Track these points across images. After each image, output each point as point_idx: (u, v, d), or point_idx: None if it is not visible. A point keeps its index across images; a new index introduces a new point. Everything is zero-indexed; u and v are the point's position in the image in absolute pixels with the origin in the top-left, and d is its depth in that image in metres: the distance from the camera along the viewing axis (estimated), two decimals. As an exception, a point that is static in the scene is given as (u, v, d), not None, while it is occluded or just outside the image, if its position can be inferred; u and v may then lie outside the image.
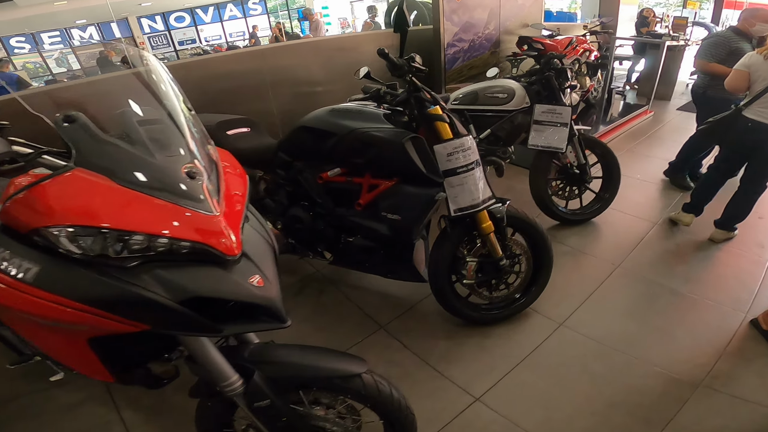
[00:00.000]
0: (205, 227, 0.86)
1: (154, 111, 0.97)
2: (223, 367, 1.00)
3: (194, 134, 1.00)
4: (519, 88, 2.50)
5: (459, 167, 1.62)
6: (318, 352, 1.13)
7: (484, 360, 1.84)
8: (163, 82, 1.05)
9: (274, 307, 0.92)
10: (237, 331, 0.94)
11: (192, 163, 0.92)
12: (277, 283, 0.97)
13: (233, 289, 0.87)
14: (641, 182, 3.32)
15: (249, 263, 0.92)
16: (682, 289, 2.20)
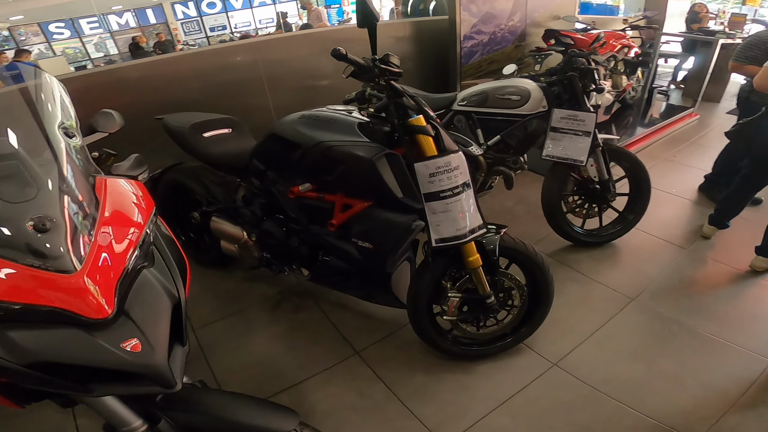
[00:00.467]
0: (58, 289, 0.70)
1: (8, 144, 0.80)
2: (120, 411, 0.88)
3: (70, 167, 0.82)
4: (536, 89, 2.15)
5: (443, 191, 1.35)
6: (245, 404, 1.00)
7: (460, 400, 1.62)
8: (49, 103, 0.88)
9: (152, 374, 0.77)
10: (111, 393, 0.81)
11: (48, 210, 0.74)
12: (165, 345, 0.81)
13: (94, 354, 0.73)
14: (675, 198, 2.88)
15: (127, 324, 0.77)
16: (703, 329, 1.86)
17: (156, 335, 0.79)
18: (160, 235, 0.99)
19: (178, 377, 0.81)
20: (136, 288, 0.82)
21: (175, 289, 0.91)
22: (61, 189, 0.79)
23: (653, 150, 3.56)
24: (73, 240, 0.75)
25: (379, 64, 1.28)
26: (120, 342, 0.74)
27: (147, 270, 0.87)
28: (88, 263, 0.74)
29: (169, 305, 0.87)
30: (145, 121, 2.14)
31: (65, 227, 0.74)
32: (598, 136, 2.11)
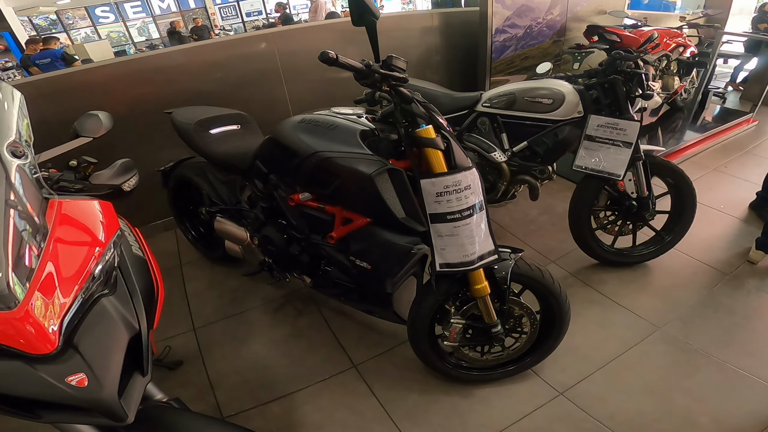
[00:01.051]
0: None
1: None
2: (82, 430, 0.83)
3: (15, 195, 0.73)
4: (571, 92, 1.88)
5: (451, 213, 1.17)
6: (217, 429, 0.95)
7: (453, 425, 1.49)
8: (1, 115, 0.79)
9: (99, 409, 0.73)
10: (61, 421, 0.78)
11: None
12: (115, 379, 0.76)
13: (36, 388, 0.69)
14: (722, 215, 2.52)
15: (74, 358, 0.72)
16: (732, 362, 1.63)
17: (106, 369, 0.74)
18: (128, 258, 0.90)
19: (130, 410, 0.77)
20: (90, 319, 0.77)
21: (135, 319, 0.83)
22: (5, 220, 0.70)
23: (702, 158, 3.15)
24: (16, 276, 0.67)
25: (379, 69, 1.10)
26: (65, 376, 0.70)
27: (105, 298, 0.80)
28: (29, 299, 0.67)
29: (126, 337, 0.80)
30: (159, 115, 2.08)
31: (5, 260, 0.66)
32: (641, 148, 1.84)
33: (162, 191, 2.19)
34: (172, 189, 2.13)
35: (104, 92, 2.16)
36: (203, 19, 8.24)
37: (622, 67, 1.75)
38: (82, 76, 2.14)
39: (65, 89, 2.08)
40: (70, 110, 1.96)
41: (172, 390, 1.18)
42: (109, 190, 1.00)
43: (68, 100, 2.07)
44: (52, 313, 0.70)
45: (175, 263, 2.37)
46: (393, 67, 1.11)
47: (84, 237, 0.81)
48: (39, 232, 0.74)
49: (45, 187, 0.83)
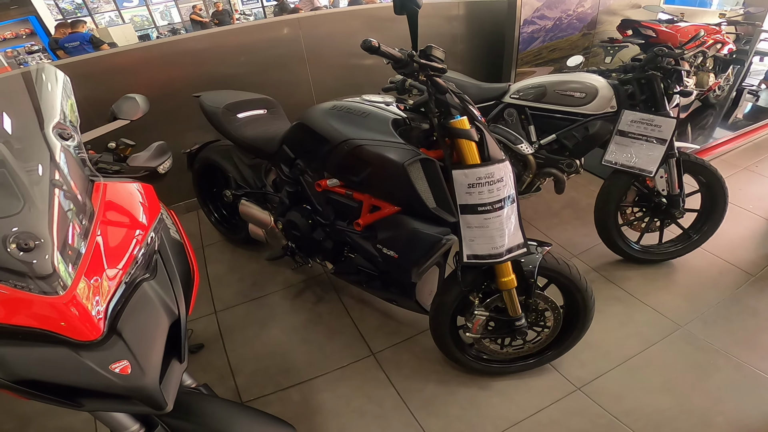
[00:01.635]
0: (43, 311, 0.64)
1: None
2: (117, 416, 0.85)
3: (63, 178, 0.72)
4: (605, 86, 1.83)
5: (482, 204, 1.15)
6: (243, 414, 0.97)
7: (470, 416, 1.49)
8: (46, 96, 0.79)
9: (140, 396, 0.71)
10: (101, 409, 0.77)
11: (32, 226, 0.66)
12: (157, 367, 0.74)
13: (81, 376, 0.68)
14: (751, 216, 2.44)
15: (118, 344, 0.71)
16: (753, 364, 1.59)
17: (148, 357, 0.73)
18: (167, 242, 0.90)
19: (169, 398, 0.76)
20: (132, 304, 0.76)
21: (175, 304, 0.82)
22: (50, 200, 0.70)
23: (732, 157, 3.04)
24: (62, 258, 0.67)
25: (419, 59, 1.07)
26: (109, 363, 0.69)
27: (147, 283, 0.80)
28: (77, 283, 0.67)
29: (167, 323, 0.79)
30: (185, 97, 2.08)
31: (52, 245, 0.66)
32: (675, 145, 1.78)
33: (185, 173, 2.21)
34: (197, 171, 2.15)
35: (132, 75, 2.18)
36: (224, 3, 8.21)
37: (662, 63, 1.68)
38: (111, 60, 2.15)
39: (95, 72, 2.10)
40: (100, 92, 1.98)
41: (194, 374, 1.19)
42: (145, 172, 1.01)
43: (98, 83, 2.08)
44: (98, 298, 0.69)
45: (197, 245, 2.40)
46: (432, 57, 1.08)
47: (128, 220, 0.81)
48: (85, 214, 0.74)
49: (90, 169, 0.83)
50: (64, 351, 0.67)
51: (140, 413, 0.83)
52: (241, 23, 5.63)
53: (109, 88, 2.05)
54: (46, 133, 0.75)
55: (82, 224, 0.72)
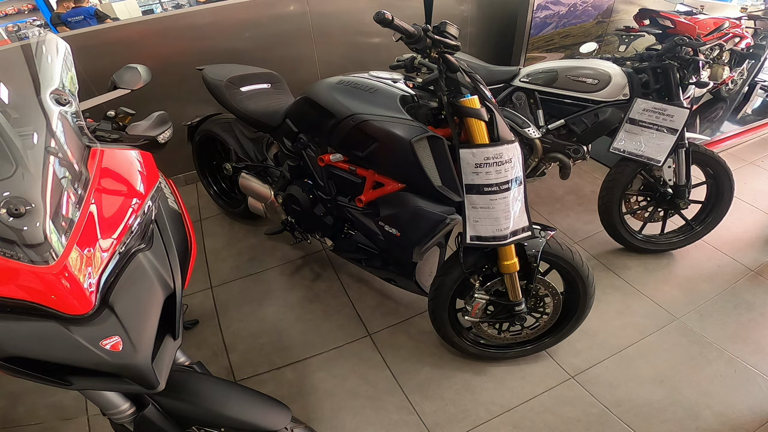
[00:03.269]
0: (32, 282, 0.61)
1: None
2: (107, 395, 0.83)
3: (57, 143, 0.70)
4: (619, 74, 1.79)
5: (488, 185, 1.13)
6: (236, 395, 0.94)
7: (464, 401, 1.50)
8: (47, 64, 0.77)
9: (131, 375, 0.68)
10: (91, 388, 0.73)
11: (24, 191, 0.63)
12: (150, 343, 0.71)
13: (70, 353, 0.64)
14: (754, 210, 2.43)
15: (110, 319, 0.68)
16: (743, 359, 1.62)
17: (141, 333, 0.70)
18: (165, 211, 0.87)
19: (162, 377, 0.73)
20: (125, 276, 0.72)
21: (171, 277, 0.79)
22: (44, 166, 0.66)
23: (739, 151, 3.01)
24: (54, 226, 0.63)
25: (433, 35, 1.03)
26: (99, 339, 0.66)
27: (142, 254, 0.76)
28: (68, 253, 0.63)
29: (162, 297, 0.76)
30: (189, 71, 2.03)
31: (44, 212, 0.63)
32: (686, 136, 1.75)
33: (185, 145, 2.17)
34: (197, 143, 2.11)
35: (134, 48, 2.12)
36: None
37: (681, 53, 1.64)
38: (114, 33, 2.09)
39: (98, 44, 2.04)
40: (101, 65, 1.93)
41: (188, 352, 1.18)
42: (144, 141, 0.97)
43: (100, 56, 2.03)
44: (90, 270, 0.66)
45: (195, 218, 2.38)
46: (446, 33, 1.04)
47: (125, 187, 0.78)
48: (80, 181, 0.71)
49: (87, 135, 0.79)
50: (53, 326, 0.64)
51: (131, 392, 0.82)
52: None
53: (111, 61, 2.00)
54: (42, 98, 0.73)
55: (77, 192, 0.69)
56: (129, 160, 0.83)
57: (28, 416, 1.51)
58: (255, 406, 0.93)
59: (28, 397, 1.55)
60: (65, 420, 1.48)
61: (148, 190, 0.81)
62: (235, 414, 0.89)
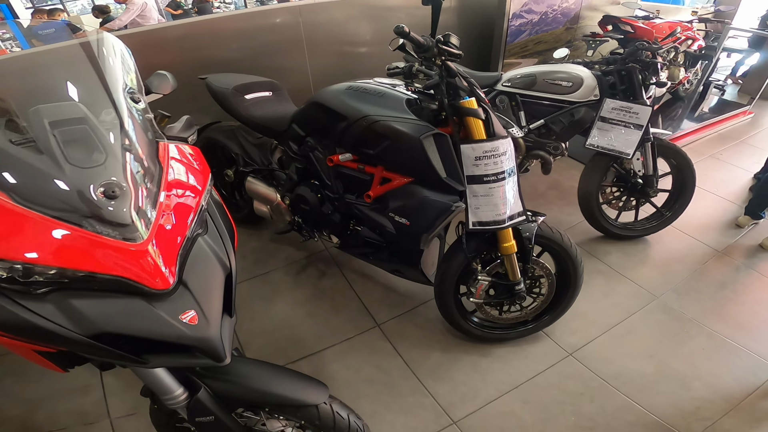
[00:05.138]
0: (125, 259, 0.69)
1: (74, 108, 0.78)
2: (164, 381, 0.90)
3: (135, 133, 0.81)
4: (589, 77, 2.05)
5: (487, 175, 1.33)
6: (278, 374, 1.03)
7: (474, 382, 1.66)
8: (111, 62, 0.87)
9: (205, 347, 0.77)
10: (165, 364, 0.82)
11: (116, 176, 0.73)
12: (218, 317, 0.81)
13: (155, 326, 0.73)
14: (716, 198, 2.76)
15: (185, 295, 0.77)
16: (722, 332, 1.85)
17: (210, 307, 0.79)
18: (213, 202, 0.99)
19: (228, 350, 0.81)
20: (192, 256, 0.82)
21: (226, 257, 0.90)
22: (128, 155, 0.77)
23: (699, 146, 3.39)
24: (140, 208, 0.73)
25: (440, 45, 1.24)
26: (178, 314, 0.74)
27: (201, 238, 0.87)
28: (153, 232, 0.73)
29: (223, 275, 0.87)
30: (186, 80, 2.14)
31: (132, 195, 0.73)
32: (651, 131, 2.02)
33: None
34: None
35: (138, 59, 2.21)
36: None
37: (641, 56, 1.92)
38: None
39: None
40: None
41: None
42: (179, 142, 1.11)
43: None
44: (169, 250, 0.75)
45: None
46: (450, 44, 1.25)
47: (189, 178, 0.90)
48: (156, 171, 0.82)
49: (157, 130, 0.92)
50: (139, 302, 0.71)
51: (201, 366, 0.89)
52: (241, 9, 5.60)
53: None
54: (119, 94, 0.84)
55: (154, 180, 0.81)
56: (189, 153, 0.96)
57: (49, 422, 1.55)
58: (296, 384, 1.02)
59: (46, 403, 1.60)
60: (88, 425, 1.54)
61: (205, 180, 0.93)
62: (279, 391, 0.97)
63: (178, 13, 7.17)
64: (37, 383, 1.66)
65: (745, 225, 2.44)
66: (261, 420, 1.07)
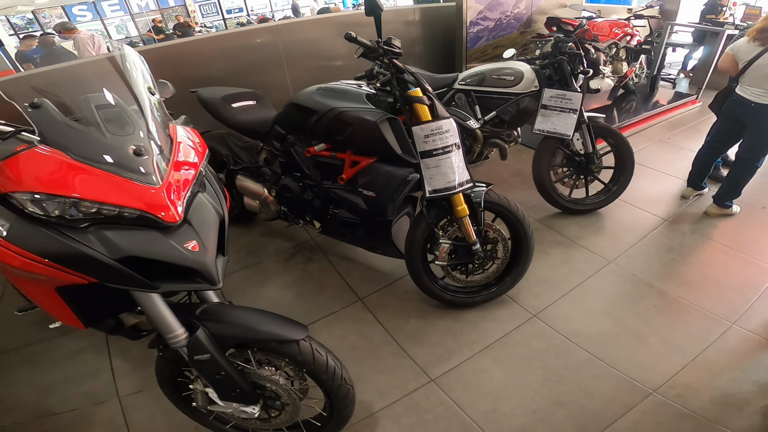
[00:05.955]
0: (146, 198, 0.98)
1: (110, 97, 1.10)
2: (169, 320, 1.13)
3: (153, 116, 1.12)
4: (529, 71, 2.41)
5: (435, 149, 1.64)
6: (264, 316, 1.24)
7: (448, 343, 1.88)
8: (134, 69, 1.19)
9: (204, 270, 1.03)
10: (171, 289, 1.07)
11: (139, 142, 1.04)
12: (214, 247, 1.08)
13: (167, 251, 0.99)
14: (663, 175, 3.11)
15: (189, 230, 1.04)
16: (672, 292, 2.09)
17: (208, 241, 1.06)
18: (209, 172, 1.31)
19: (220, 277, 1.07)
20: (194, 204, 1.11)
21: (221, 208, 1.21)
22: (149, 128, 1.09)
23: (651, 132, 3.78)
24: (157, 164, 1.04)
25: (383, 46, 1.57)
26: (184, 242, 1.01)
27: (201, 194, 1.16)
28: (167, 180, 1.03)
29: (217, 220, 1.15)
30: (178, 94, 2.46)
31: (152, 155, 1.04)
32: (585, 114, 2.37)
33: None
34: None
35: None
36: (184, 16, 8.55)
37: (564, 49, 2.28)
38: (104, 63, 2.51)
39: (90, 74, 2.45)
40: None
41: None
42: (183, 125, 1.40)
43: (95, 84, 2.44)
44: (177, 195, 1.04)
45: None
46: (392, 45, 1.58)
47: (191, 150, 1.22)
48: (168, 142, 1.14)
49: (168, 116, 1.24)
50: (155, 233, 0.98)
51: (200, 289, 1.15)
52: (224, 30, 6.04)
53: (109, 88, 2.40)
54: (141, 89, 1.15)
55: (167, 146, 1.12)
56: (190, 134, 1.27)
57: (62, 405, 1.72)
58: (279, 323, 1.23)
59: (59, 387, 1.79)
60: (98, 404, 1.71)
61: (203, 152, 1.24)
62: (265, 328, 1.18)
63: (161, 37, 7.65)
64: (51, 370, 1.85)
65: (690, 196, 2.78)
66: (252, 369, 1.25)
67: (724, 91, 2.52)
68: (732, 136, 2.53)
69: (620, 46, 3.67)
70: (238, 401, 1.26)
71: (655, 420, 1.55)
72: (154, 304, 1.11)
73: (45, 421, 1.67)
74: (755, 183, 2.61)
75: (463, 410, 1.62)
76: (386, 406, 1.65)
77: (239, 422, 1.46)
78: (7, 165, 0.96)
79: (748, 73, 2.30)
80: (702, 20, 4.77)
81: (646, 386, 1.66)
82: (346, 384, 1.33)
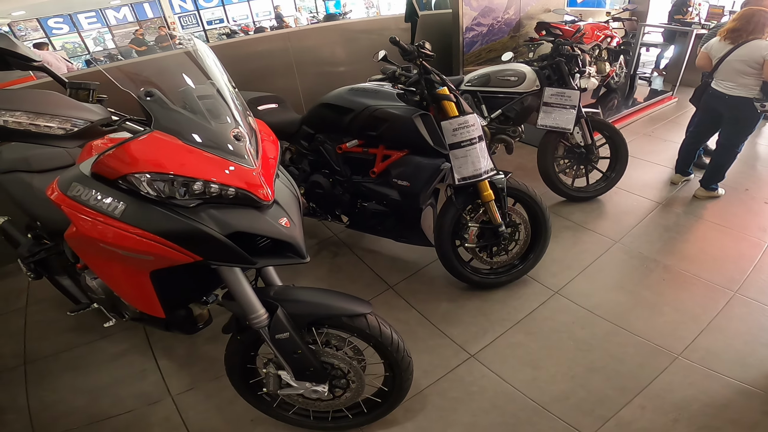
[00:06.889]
0: (247, 178, 1.10)
1: (207, 88, 1.23)
2: (253, 301, 1.23)
3: (237, 107, 1.25)
4: (530, 72, 2.68)
5: (463, 141, 1.86)
6: (331, 294, 1.38)
7: (481, 322, 2.04)
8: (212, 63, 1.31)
9: (296, 244, 1.16)
10: (267, 264, 1.19)
11: (237, 129, 1.17)
12: (300, 226, 1.22)
13: (267, 227, 1.11)
14: (652, 165, 3.45)
15: (279, 208, 1.17)
16: (676, 266, 2.33)
17: (295, 218, 1.18)
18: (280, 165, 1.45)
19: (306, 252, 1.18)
20: (277, 188, 1.22)
21: (296, 192, 1.34)
22: (241, 118, 1.21)
23: (634, 127, 4.15)
24: (252, 149, 1.16)
25: (420, 49, 1.80)
26: (278, 219, 1.12)
27: (278, 179, 1.28)
28: (260, 164, 1.15)
29: (296, 200, 1.29)
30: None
31: (247, 141, 1.16)
32: (583, 110, 2.65)
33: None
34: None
35: None
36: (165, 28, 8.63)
37: (563, 51, 2.58)
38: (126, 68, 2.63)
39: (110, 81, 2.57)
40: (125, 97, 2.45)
41: None
42: None
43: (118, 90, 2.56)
44: (268, 176, 1.16)
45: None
46: (426, 48, 1.82)
47: (270, 138, 1.33)
48: (253, 131, 1.25)
49: (246, 107, 1.33)
50: (253, 211, 1.09)
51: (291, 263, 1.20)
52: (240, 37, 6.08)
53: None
54: (227, 81, 1.26)
55: (255, 134, 1.23)
56: (265, 127, 1.38)
57: (115, 408, 1.76)
58: (347, 300, 1.35)
59: (108, 390, 1.84)
60: (152, 404, 1.77)
61: (277, 145, 1.36)
62: (336, 304, 1.31)
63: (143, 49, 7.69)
64: (97, 373, 1.90)
65: (678, 182, 3.10)
66: (319, 348, 1.37)
67: (701, 86, 2.85)
68: (711, 126, 2.86)
69: (602, 48, 4.06)
70: (311, 380, 1.37)
71: (686, 381, 1.72)
72: (242, 285, 1.21)
73: (102, 425, 1.70)
74: (736, 168, 2.97)
75: (505, 380, 1.77)
76: (432, 383, 1.78)
77: (303, 405, 1.54)
78: (123, 150, 1.05)
79: (720, 69, 2.63)
80: (670, 21, 5.24)
81: (671, 351, 1.84)
82: (408, 356, 1.45)
